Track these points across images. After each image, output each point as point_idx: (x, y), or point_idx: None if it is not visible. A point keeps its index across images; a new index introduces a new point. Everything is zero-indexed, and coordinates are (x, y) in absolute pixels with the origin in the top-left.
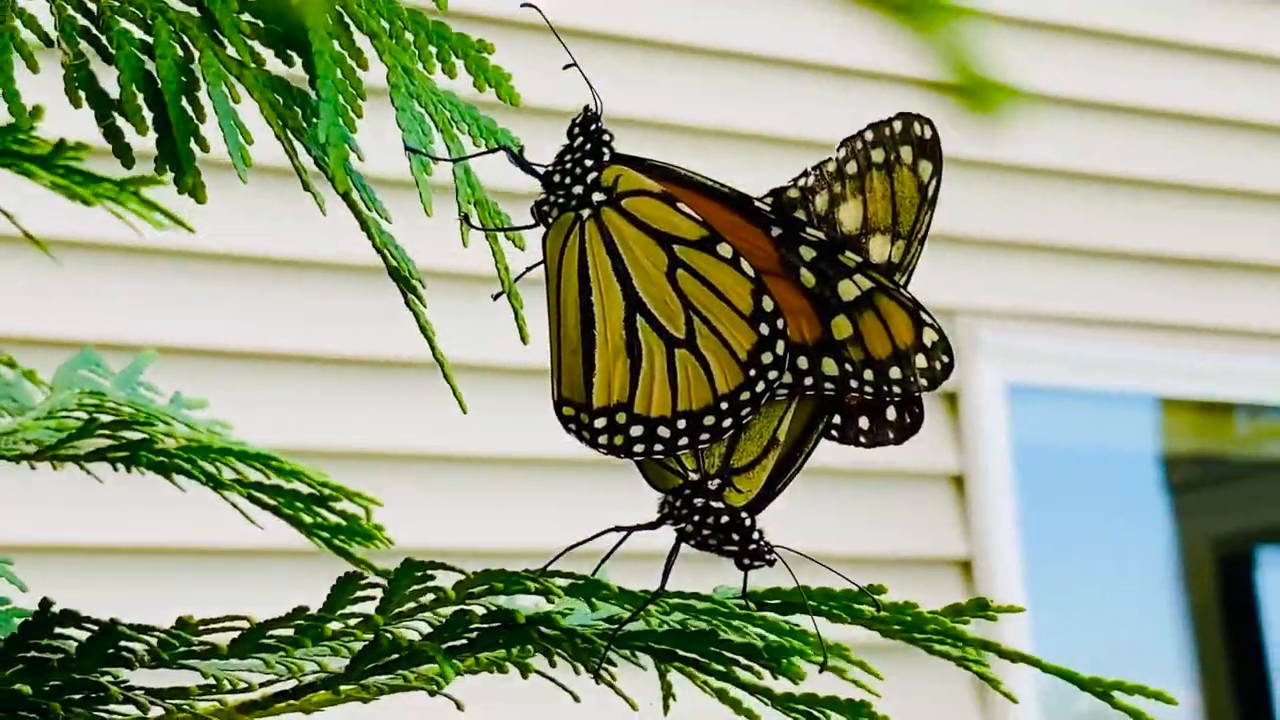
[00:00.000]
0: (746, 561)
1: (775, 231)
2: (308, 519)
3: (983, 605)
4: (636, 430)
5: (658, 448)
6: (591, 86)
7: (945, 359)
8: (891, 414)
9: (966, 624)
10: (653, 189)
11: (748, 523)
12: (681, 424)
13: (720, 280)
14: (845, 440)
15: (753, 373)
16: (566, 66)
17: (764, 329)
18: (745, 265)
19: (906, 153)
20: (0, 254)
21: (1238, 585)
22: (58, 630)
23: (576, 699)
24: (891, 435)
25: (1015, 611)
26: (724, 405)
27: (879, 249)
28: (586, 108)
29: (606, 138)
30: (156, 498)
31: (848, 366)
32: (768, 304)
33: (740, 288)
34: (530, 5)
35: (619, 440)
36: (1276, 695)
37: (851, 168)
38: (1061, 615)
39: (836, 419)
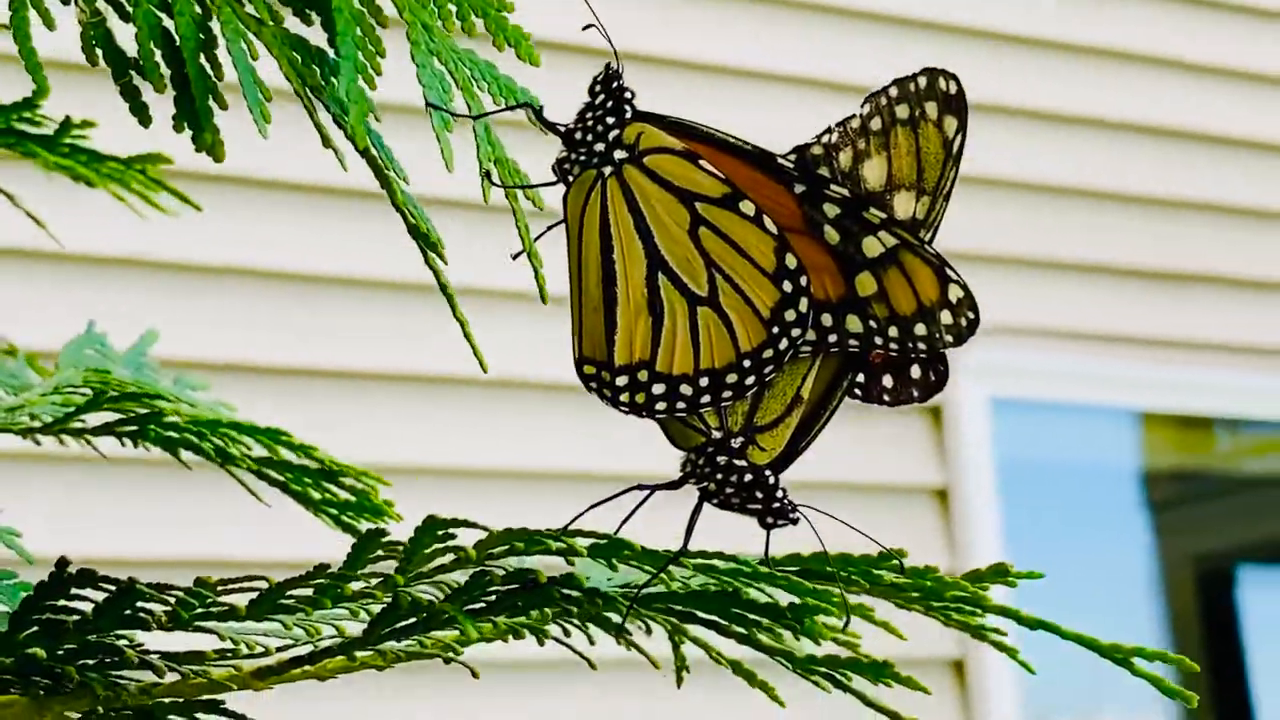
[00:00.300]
0: (770, 520)
1: (799, 189)
2: (316, 495)
3: (1003, 571)
4: (658, 388)
5: (680, 405)
6: (613, 45)
7: (971, 315)
8: (916, 371)
9: (987, 590)
10: (675, 146)
11: (771, 481)
12: (704, 381)
13: (743, 238)
14: (869, 398)
15: (776, 330)
16: (586, 27)
17: (787, 286)
18: (768, 222)
19: (931, 108)
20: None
21: (1218, 603)
22: (74, 591)
23: (594, 666)
24: (916, 393)
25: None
26: (747, 363)
27: (904, 205)
28: (608, 65)
29: (628, 95)
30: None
31: (872, 323)
32: (791, 261)
33: (763, 245)
34: None
35: (641, 398)
36: (1257, 713)
37: (876, 124)
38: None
39: (860, 377)
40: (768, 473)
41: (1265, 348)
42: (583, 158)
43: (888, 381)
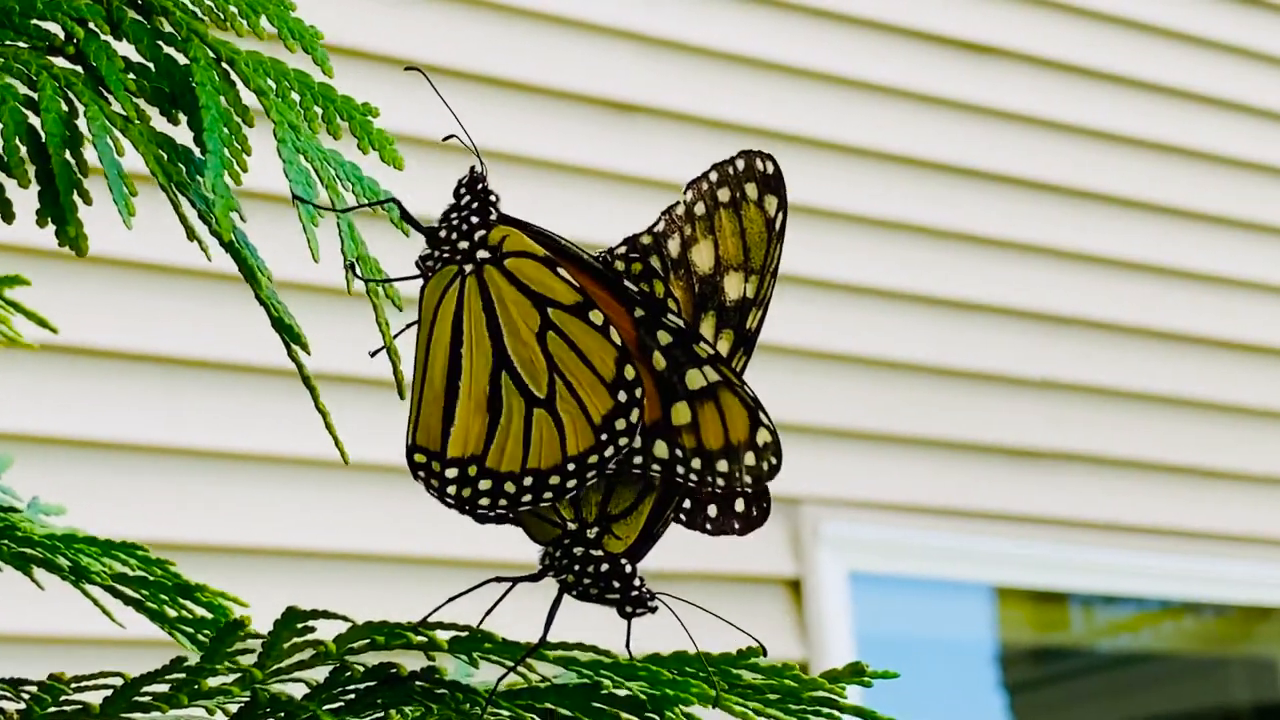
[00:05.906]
0: (629, 610)
1: (638, 313)
2: (171, 612)
3: (859, 670)
4: (485, 484)
5: (502, 503)
6: (476, 150)
7: (774, 460)
8: (740, 505)
9: (843, 695)
10: (537, 252)
11: (628, 569)
12: (527, 481)
13: (587, 345)
14: (692, 525)
15: (604, 437)
16: (446, 138)
17: (621, 396)
18: (614, 333)
19: (751, 189)
20: None
21: None
22: None
23: None
24: (737, 525)
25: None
26: (571, 466)
27: (734, 286)
28: (472, 168)
29: (493, 198)
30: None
31: (678, 452)
32: (629, 372)
33: (605, 354)
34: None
35: (466, 492)
36: None
37: (700, 209)
38: None
39: (686, 503)
40: (624, 561)
41: (1119, 524)
42: (446, 255)
43: (712, 511)
